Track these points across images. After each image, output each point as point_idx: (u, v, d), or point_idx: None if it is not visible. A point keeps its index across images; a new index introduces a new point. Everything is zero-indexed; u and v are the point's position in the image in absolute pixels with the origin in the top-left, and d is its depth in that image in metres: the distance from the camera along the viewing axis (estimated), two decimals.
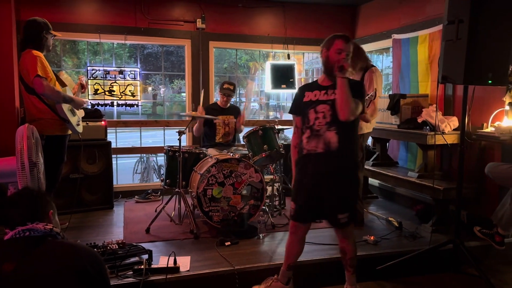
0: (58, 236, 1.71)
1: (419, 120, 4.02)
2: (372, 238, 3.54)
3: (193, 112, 4.69)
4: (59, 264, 1.56)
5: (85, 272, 1.57)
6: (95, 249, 2.93)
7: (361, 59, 3.83)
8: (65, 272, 1.54)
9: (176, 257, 2.92)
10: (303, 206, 2.68)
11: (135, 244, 3.18)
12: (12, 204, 1.77)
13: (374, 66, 3.91)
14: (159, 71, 6.91)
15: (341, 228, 2.65)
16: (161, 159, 7.30)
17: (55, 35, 3.62)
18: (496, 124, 3.56)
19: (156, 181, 6.81)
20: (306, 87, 2.80)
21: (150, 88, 15.26)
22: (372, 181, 5.19)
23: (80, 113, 3.83)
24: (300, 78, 6.21)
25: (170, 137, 5.42)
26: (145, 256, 2.99)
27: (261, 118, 7.13)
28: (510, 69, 3.38)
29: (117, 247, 3.04)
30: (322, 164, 2.60)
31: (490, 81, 2.83)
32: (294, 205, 2.71)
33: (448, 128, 3.84)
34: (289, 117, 3.10)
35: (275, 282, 2.82)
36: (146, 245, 3.19)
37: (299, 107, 2.75)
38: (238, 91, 5.95)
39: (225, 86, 4.72)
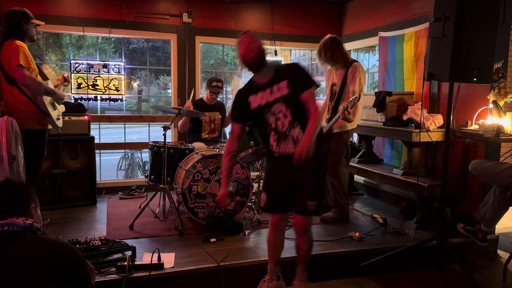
0: (38, 231, 1.66)
1: (405, 117, 4.04)
2: (357, 234, 3.55)
3: (180, 107, 4.61)
4: (36, 260, 1.51)
5: (63, 268, 1.53)
6: (77, 246, 2.88)
7: (339, 54, 3.85)
8: (41, 268, 1.49)
9: (160, 254, 2.88)
10: (275, 194, 2.66)
11: (118, 240, 3.13)
12: None
13: (357, 61, 3.91)
14: (145, 66, 6.83)
15: (307, 215, 2.57)
16: (145, 155, 7.22)
17: (37, 25, 3.53)
18: (480, 122, 3.60)
19: (140, 178, 6.73)
20: (247, 91, 2.62)
21: (135, 84, 15.10)
22: (358, 178, 5.22)
23: (61, 108, 3.74)
24: None
25: (155, 134, 5.35)
26: (129, 253, 2.94)
27: None
28: (495, 67, 3.43)
29: (100, 243, 2.99)
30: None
31: (475, 79, 2.85)
32: (265, 196, 2.68)
33: (433, 126, 3.87)
34: None
35: (270, 282, 2.79)
36: (129, 242, 3.14)
37: (242, 115, 2.65)
38: (225, 87, 5.91)
39: (214, 83, 4.66)
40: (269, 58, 2.61)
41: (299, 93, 2.47)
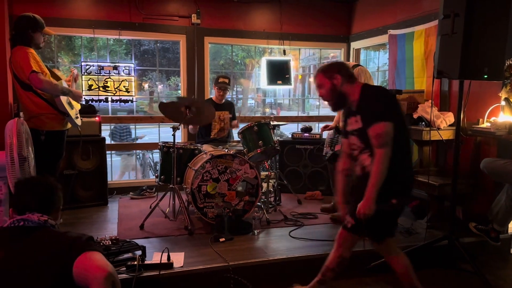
0: (53, 227, 1.72)
1: (415, 116, 4.00)
2: None
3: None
4: (47, 253, 1.58)
5: (67, 261, 1.56)
6: None
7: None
8: (50, 261, 1.54)
9: (170, 253, 2.90)
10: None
11: (128, 240, 3.16)
12: (30, 189, 1.78)
13: (360, 65, 3.94)
14: (155, 68, 6.88)
15: (343, 228, 2.51)
16: (157, 156, 7.27)
17: (46, 34, 3.55)
18: (492, 119, 3.55)
19: (152, 178, 6.78)
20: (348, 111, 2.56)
21: (146, 85, 15.18)
22: None
23: (77, 106, 3.79)
24: (296, 74, 6.18)
25: (165, 134, 5.38)
26: (139, 252, 2.96)
27: (258, 115, 7.11)
28: (507, 63, 3.37)
29: (110, 243, 3.02)
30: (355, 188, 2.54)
31: (485, 76, 2.82)
32: None
33: (444, 124, 3.82)
34: (285, 113, 3.05)
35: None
36: (140, 241, 3.17)
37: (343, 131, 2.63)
38: (235, 88, 5.93)
39: (220, 80, 4.70)
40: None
41: (368, 127, 2.34)
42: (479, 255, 3.40)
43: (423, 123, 3.87)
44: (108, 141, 4.81)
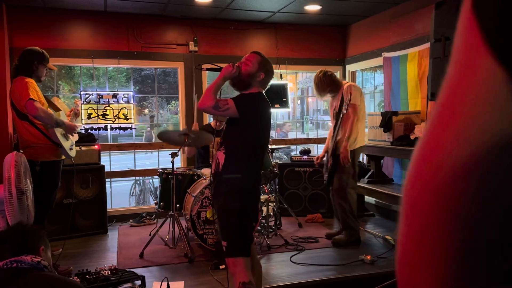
0: (45, 269, 1.70)
1: (412, 137, 4.03)
2: (369, 257, 3.50)
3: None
4: None
5: None
6: (87, 276, 2.89)
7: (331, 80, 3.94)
8: None
9: (170, 282, 2.88)
10: None
11: (128, 269, 3.14)
12: (2, 239, 1.77)
13: (349, 83, 3.99)
14: (153, 95, 6.94)
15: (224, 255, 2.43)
16: (157, 181, 7.27)
17: (49, 68, 3.62)
18: None
19: (152, 204, 6.76)
20: None
21: (146, 110, 15.32)
22: (369, 198, 5.17)
23: (74, 137, 3.81)
24: (294, 97, 6.23)
25: (165, 159, 5.40)
26: (138, 282, 2.94)
27: None
28: None
29: (109, 273, 2.99)
30: (212, 186, 2.57)
31: None
32: None
33: None
34: (284, 136, 3.07)
35: None
36: (139, 271, 3.15)
37: None
38: None
39: None
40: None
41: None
42: None
43: None
44: (107, 168, 4.82)
